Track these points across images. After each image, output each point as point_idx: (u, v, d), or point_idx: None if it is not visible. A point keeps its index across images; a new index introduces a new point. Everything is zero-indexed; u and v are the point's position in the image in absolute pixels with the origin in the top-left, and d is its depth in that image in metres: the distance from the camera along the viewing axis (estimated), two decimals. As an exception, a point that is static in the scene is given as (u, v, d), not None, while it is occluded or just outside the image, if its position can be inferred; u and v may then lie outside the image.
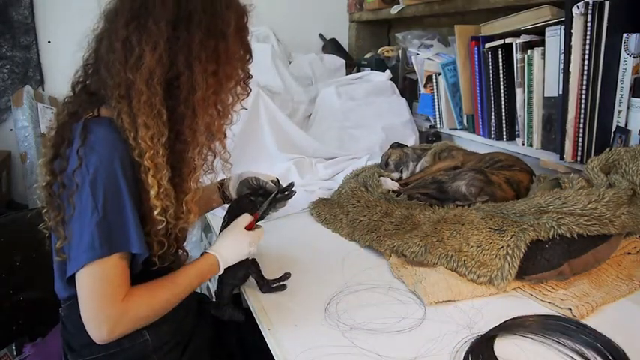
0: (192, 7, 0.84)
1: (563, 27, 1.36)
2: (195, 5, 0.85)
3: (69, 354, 0.97)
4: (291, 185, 1.15)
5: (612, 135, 1.31)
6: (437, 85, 1.95)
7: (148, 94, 0.82)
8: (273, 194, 1.12)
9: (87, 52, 0.91)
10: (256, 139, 1.85)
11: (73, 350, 0.95)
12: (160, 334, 0.95)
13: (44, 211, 0.90)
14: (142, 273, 0.88)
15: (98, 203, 0.80)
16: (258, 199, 1.11)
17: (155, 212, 0.85)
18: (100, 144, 0.82)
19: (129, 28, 0.83)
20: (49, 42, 2.22)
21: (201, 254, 0.99)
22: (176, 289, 0.92)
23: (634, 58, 1.24)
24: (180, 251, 0.99)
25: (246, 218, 1.05)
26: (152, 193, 0.84)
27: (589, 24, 1.28)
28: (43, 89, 2.23)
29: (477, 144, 1.80)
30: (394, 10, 2.17)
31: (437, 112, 2.00)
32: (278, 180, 1.19)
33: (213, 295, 1.40)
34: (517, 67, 1.57)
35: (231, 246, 1.01)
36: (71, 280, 0.85)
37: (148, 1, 0.83)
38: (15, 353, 1.49)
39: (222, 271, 0.99)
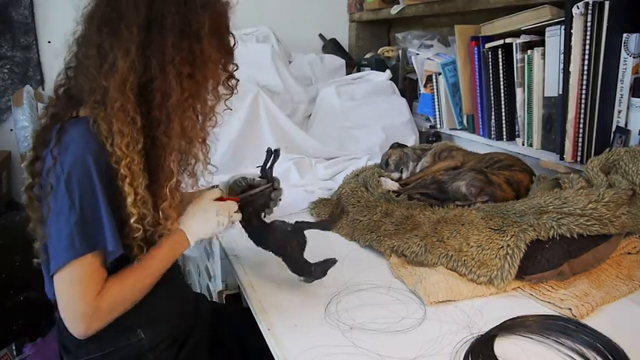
0: (165, 10, 0.83)
1: (563, 27, 1.36)
2: (168, 7, 0.83)
3: (65, 356, 0.97)
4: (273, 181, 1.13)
5: (612, 135, 1.31)
6: (437, 85, 1.95)
7: (122, 100, 0.81)
8: (263, 187, 1.11)
9: (68, 55, 0.91)
10: (256, 139, 1.85)
11: (69, 352, 0.96)
12: (155, 333, 0.95)
13: (26, 206, 0.89)
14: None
15: (75, 202, 0.80)
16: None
17: (132, 220, 0.85)
18: (74, 143, 0.82)
19: (102, 33, 0.82)
20: (49, 42, 2.22)
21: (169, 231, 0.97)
22: (147, 273, 0.91)
23: (634, 58, 1.24)
24: None
25: (213, 192, 1.04)
26: (129, 200, 0.83)
27: (589, 24, 1.28)
28: (43, 89, 2.23)
29: (477, 144, 1.80)
30: (394, 10, 2.18)
31: (437, 112, 2.00)
32: (264, 167, 1.15)
33: (213, 295, 1.40)
34: (517, 67, 1.57)
35: (198, 217, 0.99)
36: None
37: (120, 6, 0.82)
38: (15, 353, 1.50)
39: (193, 244, 0.98)
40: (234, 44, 0.95)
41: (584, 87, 1.32)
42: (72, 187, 0.80)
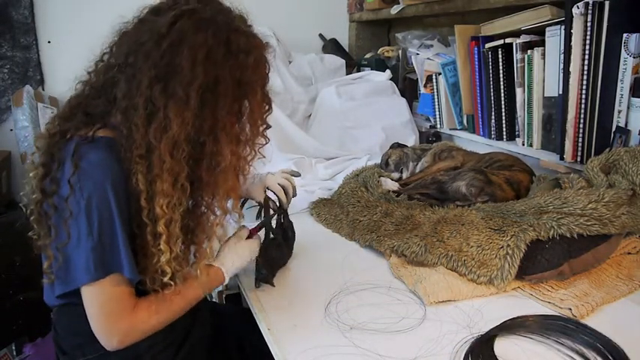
0: (220, 73, 0.81)
1: (563, 27, 1.36)
2: (224, 72, 0.81)
3: (61, 357, 0.97)
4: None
5: (612, 135, 1.31)
6: (437, 85, 1.95)
7: (171, 164, 0.79)
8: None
9: (92, 68, 0.88)
10: (256, 139, 1.85)
11: (65, 353, 0.95)
12: (153, 334, 0.94)
13: (31, 217, 0.87)
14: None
15: (93, 227, 0.78)
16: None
17: (165, 278, 0.84)
18: (92, 169, 0.80)
19: (154, 86, 0.79)
20: (49, 42, 2.22)
21: (208, 266, 0.98)
22: (184, 302, 0.92)
23: (634, 58, 1.24)
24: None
25: (245, 231, 1.07)
26: (163, 259, 0.82)
27: (589, 24, 1.28)
28: (43, 89, 2.23)
29: (477, 144, 1.80)
30: (394, 10, 2.17)
31: (437, 112, 1.99)
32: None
33: (213, 295, 1.40)
34: (517, 67, 1.57)
35: (235, 256, 1.02)
36: (61, 296, 0.84)
37: (176, 61, 0.79)
38: (15, 353, 1.50)
39: (227, 281, 1.01)
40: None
41: (584, 87, 1.32)
42: (91, 212, 0.78)
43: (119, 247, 0.81)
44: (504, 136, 1.71)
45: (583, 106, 1.34)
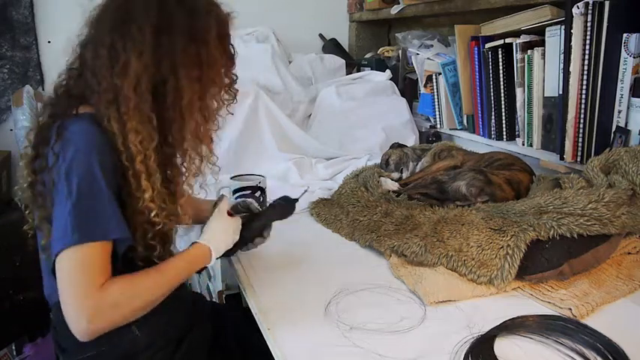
0: (174, 13, 0.86)
1: (563, 27, 1.36)
2: (177, 11, 0.87)
3: (60, 355, 0.97)
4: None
5: (612, 135, 1.31)
6: (437, 85, 1.95)
7: (136, 100, 0.84)
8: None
9: (71, 57, 0.93)
10: (256, 138, 1.85)
11: (64, 350, 0.95)
12: (150, 332, 0.94)
13: (27, 212, 0.91)
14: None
15: (72, 190, 0.79)
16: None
17: (152, 214, 0.86)
18: (75, 137, 0.83)
19: (113, 34, 0.85)
20: (49, 42, 2.22)
21: (192, 244, 0.98)
22: (161, 278, 0.89)
23: (634, 58, 1.24)
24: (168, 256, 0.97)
25: (226, 203, 1.09)
26: (147, 196, 0.85)
27: (589, 24, 1.28)
28: (43, 89, 2.23)
29: (477, 144, 1.80)
30: (394, 10, 2.18)
31: (437, 112, 2.00)
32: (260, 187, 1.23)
33: (213, 295, 1.40)
34: (517, 67, 1.57)
35: (221, 233, 1.03)
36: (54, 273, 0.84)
37: (130, 8, 0.86)
38: (15, 353, 1.50)
39: (213, 261, 1.00)
40: (235, 54, 0.99)
41: (584, 87, 1.32)
42: (70, 177, 0.80)
43: (104, 209, 0.81)
44: (504, 136, 1.71)
45: (583, 106, 1.34)
